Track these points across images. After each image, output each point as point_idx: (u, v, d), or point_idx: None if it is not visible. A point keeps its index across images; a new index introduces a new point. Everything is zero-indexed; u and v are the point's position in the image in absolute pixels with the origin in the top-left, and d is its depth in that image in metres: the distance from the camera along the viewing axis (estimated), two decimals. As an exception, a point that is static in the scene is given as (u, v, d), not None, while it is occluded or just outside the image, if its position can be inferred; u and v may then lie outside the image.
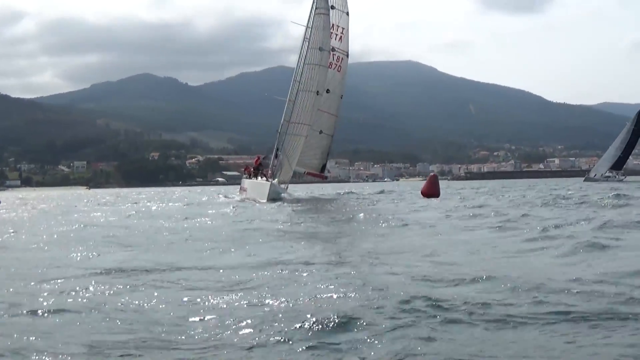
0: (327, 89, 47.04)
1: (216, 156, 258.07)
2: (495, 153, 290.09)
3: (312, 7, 46.48)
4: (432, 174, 50.82)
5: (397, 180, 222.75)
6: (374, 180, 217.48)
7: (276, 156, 46.18)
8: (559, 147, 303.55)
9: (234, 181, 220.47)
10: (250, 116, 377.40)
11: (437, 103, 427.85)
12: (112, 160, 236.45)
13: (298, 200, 40.16)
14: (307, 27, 46.69)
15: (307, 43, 46.10)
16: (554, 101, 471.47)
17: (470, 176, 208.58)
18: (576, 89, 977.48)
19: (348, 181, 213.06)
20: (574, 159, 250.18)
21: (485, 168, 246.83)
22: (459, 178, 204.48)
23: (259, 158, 49.87)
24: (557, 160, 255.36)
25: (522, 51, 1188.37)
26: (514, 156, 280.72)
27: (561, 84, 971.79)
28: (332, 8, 46.90)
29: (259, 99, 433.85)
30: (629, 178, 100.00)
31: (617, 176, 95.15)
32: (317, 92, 44.99)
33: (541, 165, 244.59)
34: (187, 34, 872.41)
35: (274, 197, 40.42)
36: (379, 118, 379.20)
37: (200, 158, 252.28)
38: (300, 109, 44.63)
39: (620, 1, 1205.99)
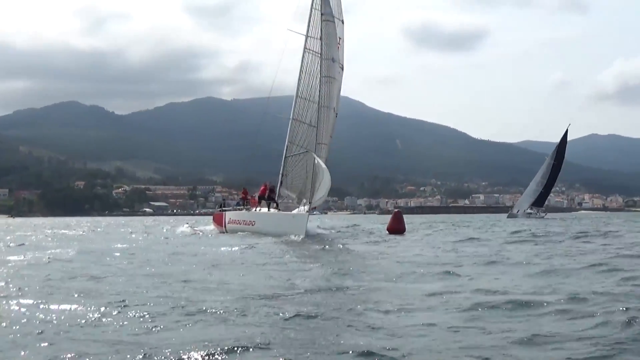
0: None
1: (143, 186, 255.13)
2: (421, 188, 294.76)
3: (311, 14, 43.72)
4: (396, 210, 50.10)
5: (326, 213, 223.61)
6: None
7: (281, 183, 43.71)
8: (483, 183, 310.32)
9: (162, 212, 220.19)
10: (178, 146, 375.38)
11: (365, 137, 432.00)
12: (36, 188, 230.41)
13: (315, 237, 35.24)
14: (307, 35, 43.73)
15: (309, 54, 43.44)
16: (478, 138, 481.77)
17: (405, 211, 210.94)
18: (499, 126, 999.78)
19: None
20: (498, 195, 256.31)
21: (413, 203, 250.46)
22: (387, 212, 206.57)
23: (266, 186, 43.68)
24: (482, 197, 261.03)
25: (451, 88, 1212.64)
26: (440, 191, 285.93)
27: (485, 121, 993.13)
28: None
29: (187, 129, 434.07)
30: (549, 215, 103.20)
31: (538, 213, 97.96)
32: (334, 109, 42.33)
33: (467, 201, 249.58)
34: (118, 63, 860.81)
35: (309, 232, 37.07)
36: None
37: (127, 188, 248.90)
38: (324, 128, 41.64)
39: (547, 43, 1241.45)
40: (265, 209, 41.71)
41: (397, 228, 39.82)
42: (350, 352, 7.61)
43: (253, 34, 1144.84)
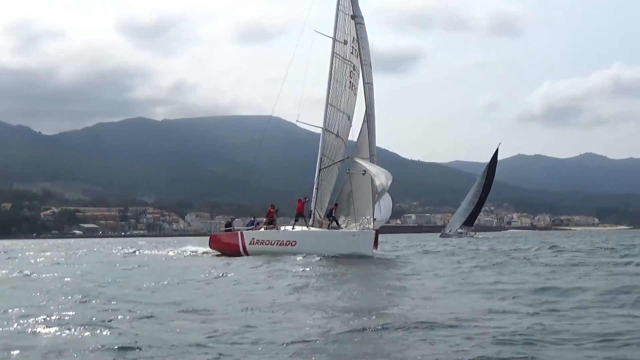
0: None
1: (72, 208, 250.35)
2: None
3: (337, 17, 41.53)
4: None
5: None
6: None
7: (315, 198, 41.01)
8: (414, 203, 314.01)
9: (92, 234, 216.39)
10: (107, 167, 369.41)
11: (297, 157, 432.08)
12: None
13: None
14: (334, 39, 41.43)
15: (337, 59, 41.21)
16: (409, 158, 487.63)
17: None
18: (430, 147, 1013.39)
19: (209, 234, 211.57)
20: (429, 214, 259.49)
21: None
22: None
23: (301, 202, 40.63)
24: (413, 216, 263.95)
25: (384, 110, 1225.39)
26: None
27: (417, 142, 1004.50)
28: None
29: (116, 150, 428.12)
30: (479, 234, 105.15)
31: (468, 232, 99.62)
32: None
33: (398, 221, 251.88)
34: (49, 82, 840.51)
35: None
36: (239, 171, 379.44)
37: (56, 210, 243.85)
38: (372, 138, 39.76)
39: (479, 65, 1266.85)
40: (301, 227, 38.83)
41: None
42: None
43: (189, 55, 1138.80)
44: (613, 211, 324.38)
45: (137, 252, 47.99)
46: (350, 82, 41.53)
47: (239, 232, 40.70)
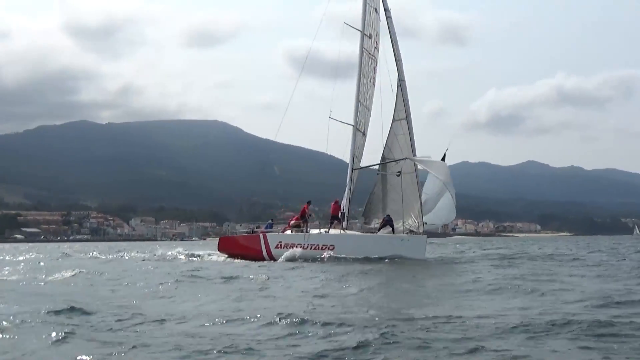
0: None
1: (14, 212, 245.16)
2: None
3: (365, 11, 40.12)
4: None
5: (205, 239, 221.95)
6: (181, 239, 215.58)
7: (350, 200, 39.82)
8: (360, 209, 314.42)
9: (34, 238, 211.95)
10: (49, 170, 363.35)
11: (243, 163, 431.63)
12: None
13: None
14: (363, 33, 39.95)
15: (365, 55, 39.80)
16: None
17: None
18: (377, 153, 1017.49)
19: (155, 239, 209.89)
20: (376, 219, 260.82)
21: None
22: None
23: (337, 204, 39.33)
24: (359, 222, 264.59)
25: (329, 115, 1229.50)
26: (318, 217, 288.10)
27: (365, 148, 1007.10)
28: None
29: (59, 153, 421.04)
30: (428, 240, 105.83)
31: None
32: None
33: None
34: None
35: None
36: (184, 176, 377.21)
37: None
38: (412, 140, 38.27)
39: (427, 73, 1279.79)
40: (337, 231, 37.29)
41: None
42: None
43: (136, 58, 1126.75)
44: (554, 218, 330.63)
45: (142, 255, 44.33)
46: (373, 77, 40.61)
47: (260, 234, 38.06)
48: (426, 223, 36.50)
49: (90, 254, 51.52)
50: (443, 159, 42.44)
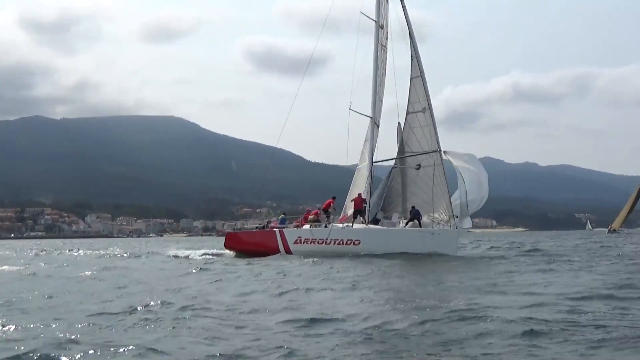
0: None
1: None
2: (258, 210, 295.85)
3: (380, 1, 39.37)
4: None
5: (162, 235, 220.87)
6: (138, 236, 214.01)
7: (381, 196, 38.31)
8: (317, 205, 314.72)
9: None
10: (2, 166, 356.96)
11: (201, 159, 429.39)
12: None
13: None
14: (378, 23, 39.25)
15: (382, 49, 39.32)
16: (313, 161, 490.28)
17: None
18: (334, 149, 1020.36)
19: (112, 236, 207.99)
20: (332, 216, 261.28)
21: (249, 224, 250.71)
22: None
23: (360, 198, 37.43)
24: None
25: (288, 112, 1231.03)
26: (276, 213, 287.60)
27: (320, 144, 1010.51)
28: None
29: (12, 149, 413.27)
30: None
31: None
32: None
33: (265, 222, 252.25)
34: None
35: None
36: (141, 172, 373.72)
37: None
38: (437, 133, 37.09)
39: (388, 69, 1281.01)
40: (361, 225, 35.98)
41: None
42: None
43: (93, 53, 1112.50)
44: (510, 214, 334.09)
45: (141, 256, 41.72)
46: (385, 69, 39.85)
47: (277, 230, 36.77)
48: (457, 217, 34.88)
49: (77, 251, 50.44)
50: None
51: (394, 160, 38.83)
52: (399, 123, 38.74)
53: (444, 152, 36.05)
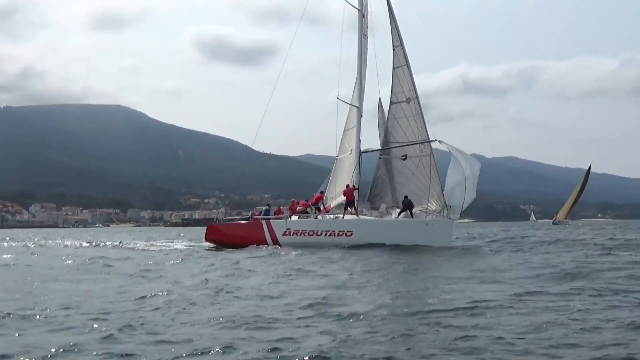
0: None
1: None
2: (205, 200, 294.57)
3: None
4: None
5: (108, 226, 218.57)
6: (84, 226, 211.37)
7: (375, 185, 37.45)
8: (266, 195, 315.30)
9: None
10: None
11: (147, 149, 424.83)
12: None
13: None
14: (361, 11, 39.29)
15: (364, 38, 39.13)
16: (262, 151, 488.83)
17: (186, 223, 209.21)
18: (283, 140, 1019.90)
19: (57, 226, 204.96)
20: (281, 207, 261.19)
21: (197, 215, 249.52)
22: (175, 224, 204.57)
23: (349, 188, 36.83)
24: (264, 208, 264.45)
25: (237, 102, 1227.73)
26: (224, 204, 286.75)
27: (269, 135, 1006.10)
28: None
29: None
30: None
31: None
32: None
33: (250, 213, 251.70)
34: None
35: None
36: (86, 162, 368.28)
37: None
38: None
39: (334, 61, 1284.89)
40: (352, 217, 35.61)
41: None
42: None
43: (38, 41, 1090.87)
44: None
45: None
46: (366, 57, 39.70)
47: (263, 221, 35.96)
48: (450, 207, 34.84)
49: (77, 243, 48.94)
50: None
51: (380, 150, 38.64)
52: (379, 112, 38.94)
53: (439, 141, 36.26)
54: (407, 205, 35.20)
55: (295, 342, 9.49)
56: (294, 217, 36.58)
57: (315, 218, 35.77)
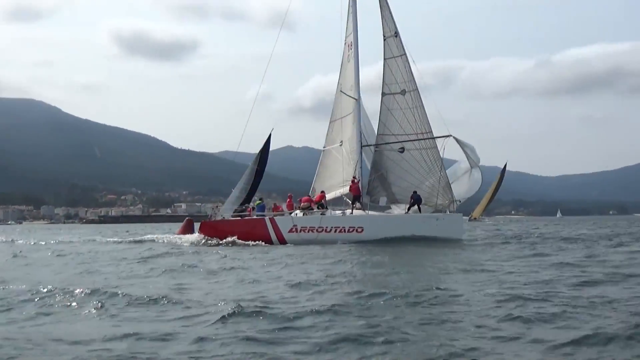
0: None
1: None
2: (122, 197, 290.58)
3: None
4: (188, 218, 47.08)
5: (21, 223, 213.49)
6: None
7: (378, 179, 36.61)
8: (184, 192, 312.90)
9: None
10: None
11: (61, 144, 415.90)
12: None
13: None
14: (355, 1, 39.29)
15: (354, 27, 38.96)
16: (180, 147, 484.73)
17: (103, 220, 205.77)
18: (201, 136, 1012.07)
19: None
20: (199, 204, 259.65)
21: (114, 212, 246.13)
22: (91, 222, 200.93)
23: (356, 182, 35.98)
24: (183, 205, 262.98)
25: (155, 98, 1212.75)
26: (141, 200, 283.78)
27: (188, 131, 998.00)
28: None
29: None
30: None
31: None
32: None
33: (169, 210, 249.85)
34: None
35: None
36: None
37: None
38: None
39: (255, 57, 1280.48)
40: (360, 212, 34.94)
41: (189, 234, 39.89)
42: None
43: None
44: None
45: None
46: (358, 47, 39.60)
47: (266, 218, 34.92)
48: (460, 201, 35.17)
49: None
50: (268, 139, 43.74)
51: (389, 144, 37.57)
52: (358, 101, 38.67)
53: (454, 137, 35.89)
54: (417, 201, 34.81)
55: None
56: (297, 213, 35.72)
57: (322, 214, 34.63)
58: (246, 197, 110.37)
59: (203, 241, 35.10)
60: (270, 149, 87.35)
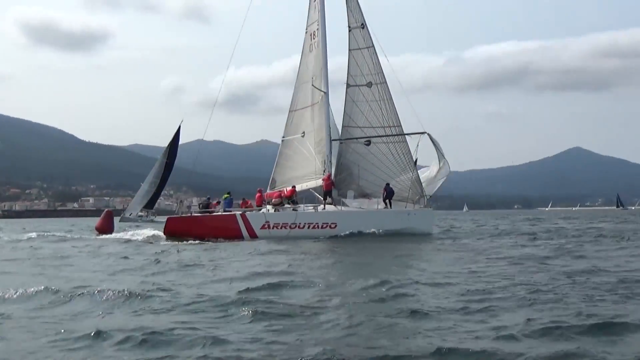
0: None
1: None
2: (27, 191, 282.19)
3: None
4: (107, 210, 47.16)
5: None
6: None
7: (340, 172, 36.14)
8: (92, 186, 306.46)
9: None
10: None
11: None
12: None
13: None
14: None
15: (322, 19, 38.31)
16: (87, 140, 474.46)
17: (7, 214, 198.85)
18: (109, 129, 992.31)
19: None
20: (108, 198, 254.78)
21: (18, 206, 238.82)
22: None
23: (330, 177, 35.90)
24: (91, 200, 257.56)
25: (63, 89, 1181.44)
26: (47, 195, 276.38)
27: (96, 123, 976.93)
28: None
29: None
30: (159, 218, 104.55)
31: (149, 215, 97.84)
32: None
33: (76, 204, 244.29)
34: None
35: None
36: None
37: None
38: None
39: (167, 49, 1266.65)
40: (332, 207, 34.68)
41: (106, 228, 40.90)
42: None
43: None
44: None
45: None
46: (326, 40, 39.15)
47: (238, 213, 34.42)
48: (430, 196, 35.51)
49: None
50: (178, 132, 43.33)
51: (340, 135, 37.74)
52: (326, 94, 38.24)
53: (428, 134, 35.73)
54: (390, 194, 34.76)
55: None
56: (267, 209, 35.65)
57: (294, 210, 34.57)
58: (155, 191, 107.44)
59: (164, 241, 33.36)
60: (181, 142, 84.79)
